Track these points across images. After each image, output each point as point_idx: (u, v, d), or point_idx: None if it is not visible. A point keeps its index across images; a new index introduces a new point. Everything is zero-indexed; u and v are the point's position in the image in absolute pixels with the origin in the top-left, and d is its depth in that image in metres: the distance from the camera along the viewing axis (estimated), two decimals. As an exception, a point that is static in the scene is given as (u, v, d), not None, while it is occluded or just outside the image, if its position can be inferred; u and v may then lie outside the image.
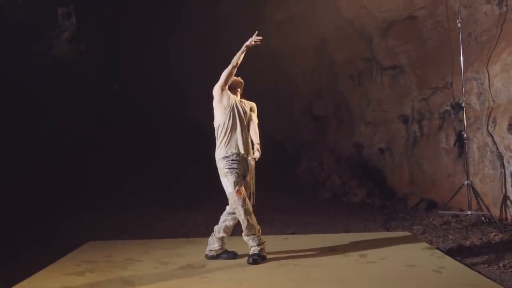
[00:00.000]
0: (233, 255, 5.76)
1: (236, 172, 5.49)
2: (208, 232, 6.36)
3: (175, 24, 13.57)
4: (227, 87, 5.66)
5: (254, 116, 5.87)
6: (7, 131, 9.71)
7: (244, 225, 5.48)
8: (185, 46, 13.90)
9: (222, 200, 5.92)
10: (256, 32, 5.58)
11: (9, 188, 9.05)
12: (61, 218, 8.44)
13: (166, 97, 13.89)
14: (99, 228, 7.82)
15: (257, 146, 5.72)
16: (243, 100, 5.86)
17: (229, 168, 5.49)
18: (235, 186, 5.44)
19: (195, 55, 13.91)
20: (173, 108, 14.13)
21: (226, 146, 5.53)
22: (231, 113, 5.58)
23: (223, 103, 5.62)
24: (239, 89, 5.86)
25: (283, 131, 14.90)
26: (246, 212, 5.44)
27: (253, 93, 6.07)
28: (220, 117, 5.60)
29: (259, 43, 5.58)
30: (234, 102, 5.65)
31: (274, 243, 6.24)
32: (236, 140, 5.57)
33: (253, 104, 5.93)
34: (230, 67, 5.62)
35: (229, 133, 5.56)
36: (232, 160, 5.50)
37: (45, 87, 10.88)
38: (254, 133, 5.78)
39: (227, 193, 5.54)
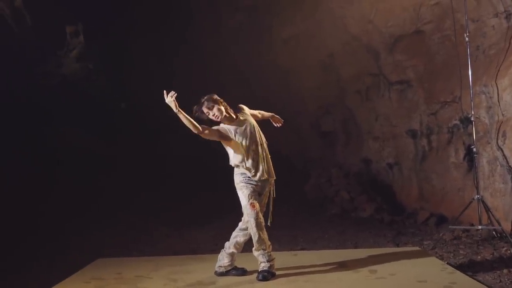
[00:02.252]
0: (243, 272, 5.73)
1: (252, 187, 5.49)
2: (215, 249, 6.34)
3: (182, 41, 13.62)
4: (220, 130, 5.57)
5: (256, 114, 5.92)
6: (14, 148, 9.75)
7: (255, 238, 5.45)
8: (192, 63, 13.95)
9: (229, 218, 5.91)
10: (164, 91, 5.48)
11: (16, 205, 9.06)
12: (69, 235, 8.42)
13: (174, 115, 13.90)
14: (107, 246, 7.81)
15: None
16: (240, 116, 5.72)
17: (245, 183, 5.50)
18: (249, 199, 5.43)
19: (202, 72, 13.95)
20: (181, 126, 14.13)
21: (247, 165, 5.52)
22: (245, 142, 5.54)
23: (238, 141, 5.57)
24: (223, 111, 5.58)
25: (290, 147, 14.87)
26: (258, 225, 5.41)
27: (260, 109, 6.05)
28: (238, 153, 5.57)
29: (175, 94, 5.42)
30: (239, 129, 5.58)
31: (283, 259, 6.20)
32: (258, 162, 5.54)
33: (245, 107, 5.85)
34: (201, 135, 5.51)
35: (251, 156, 5.52)
36: (249, 177, 5.51)
37: (53, 105, 10.92)
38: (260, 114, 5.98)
39: (242, 205, 5.53)
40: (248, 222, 5.47)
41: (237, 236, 5.69)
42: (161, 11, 13.23)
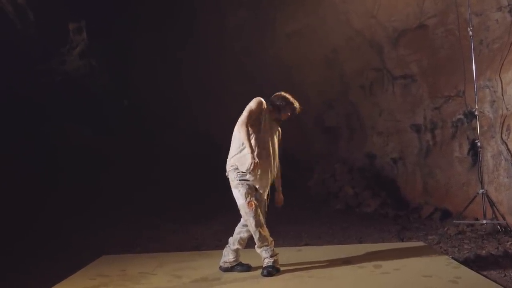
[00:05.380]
0: (247, 268, 5.72)
1: (247, 184, 5.44)
2: (219, 245, 6.33)
3: (186, 37, 13.61)
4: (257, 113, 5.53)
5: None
6: (15, 146, 9.76)
7: (256, 236, 5.44)
8: (196, 59, 13.95)
9: (233, 214, 5.90)
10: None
11: (17, 203, 9.06)
12: (71, 234, 8.43)
13: (177, 111, 13.92)
14: (110, 243, 7.80)
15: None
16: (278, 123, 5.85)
17: (240, 180, 5.44)
18: (246, 198, 5.39)
19: (205, 68, 13.96)
20: (184, 122, 14.15)
21: (239, 159, 5.48)
22: (262, 134, 5.54)
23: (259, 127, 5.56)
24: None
25: (294, 143, 14.85)
26: (258, 223, 5.39)
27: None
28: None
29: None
30: (268, 122, 5.63)
31: (288, 255, 6.20)
32: (262, 168, 5.47)
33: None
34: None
35: (258, 150, 5.45)
36: (243, 172, 5.46)
37: (55, 102, 10.92)
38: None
39: (238, 204, 5.49)
40: (247, 221, 5.45)
41: (241, 232, 5.68)
42: (164, 7, 13.22)
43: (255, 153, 5.33)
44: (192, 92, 14.07)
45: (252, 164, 5.24)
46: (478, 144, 7.42)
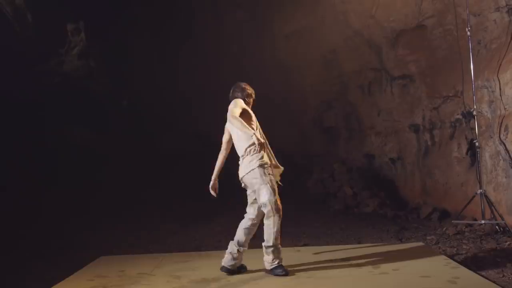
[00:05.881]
0: (245, 269, 5.69)
1: (274, 180, 5.44)
2: (219, 245, 6.32)
3: (184, 38, 13.62)
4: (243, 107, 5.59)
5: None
6: (15, 147, 9.75)
7: (275, 235, 5.38)
8: (194, 60, 13.95)
9: (232, 214, 5.88)
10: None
11: (17, 203, 9.06)
12: (72, 233, 8.43)
13: (176, 111, 13.91)
14: (111, 243, 7.81)
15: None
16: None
17: (269, 174, 5.40)
18: (275, 194, 5.35)
19: (204, 69, 13.96)
20: (183, 122, 14.14)
21: (263, 156, 5.43)
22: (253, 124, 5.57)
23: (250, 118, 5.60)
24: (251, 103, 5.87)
25: (293, 143, 14.88)
26: (280, 222, 5.38)
27: (262, 105, 6.05)
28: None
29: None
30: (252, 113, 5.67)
31: (287, 255, 6.16)
32: (267, 151, 5.54)
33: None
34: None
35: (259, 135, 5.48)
36: (267, 164, 5.44)
37: (54, 102, 10.92)
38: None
39: (265, 199, 5.33)
40: (272, 218, 5.34)
41: (250, 232, 5.58)
42: (163, 8, 13.22)
43: (264, 156, 5.42)
44: (191, 92, 14.06)
45: (258, 142, 5.18)
46: (477, 144, 7.42)
